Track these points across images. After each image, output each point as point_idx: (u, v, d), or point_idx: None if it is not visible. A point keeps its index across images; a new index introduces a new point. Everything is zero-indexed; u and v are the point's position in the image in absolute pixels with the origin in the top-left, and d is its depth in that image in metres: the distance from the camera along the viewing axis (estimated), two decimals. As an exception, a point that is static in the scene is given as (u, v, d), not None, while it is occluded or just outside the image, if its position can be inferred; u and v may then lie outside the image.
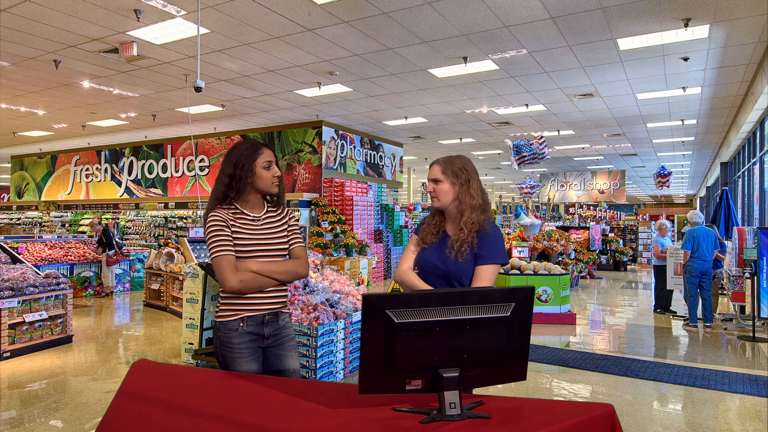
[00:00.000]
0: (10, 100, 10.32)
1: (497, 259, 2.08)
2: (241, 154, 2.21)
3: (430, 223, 2.25)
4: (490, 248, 2.07)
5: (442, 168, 2.18)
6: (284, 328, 2.27)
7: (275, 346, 2.25)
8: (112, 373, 4.95)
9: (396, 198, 15.52)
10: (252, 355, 2.18)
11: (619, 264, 15.15)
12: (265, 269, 2.17)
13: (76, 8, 5.85)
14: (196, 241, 8.03)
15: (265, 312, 2.21)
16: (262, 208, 2.30)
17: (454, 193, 2.16)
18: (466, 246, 2.08)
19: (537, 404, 1.56)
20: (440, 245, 2.17)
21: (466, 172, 2.17)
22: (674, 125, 12.21)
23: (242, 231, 2.19)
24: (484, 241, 2.08)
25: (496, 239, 2.10)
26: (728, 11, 5.79)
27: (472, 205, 2.12)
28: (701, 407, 4.14)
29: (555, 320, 7.35)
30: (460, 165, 2.18)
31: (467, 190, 2.14)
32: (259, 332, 2.20)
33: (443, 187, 2.16)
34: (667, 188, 16.08)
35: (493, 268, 2.07)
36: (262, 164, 2.21)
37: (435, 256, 2.15)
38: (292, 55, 7.44)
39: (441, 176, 2.17)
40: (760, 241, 6.46)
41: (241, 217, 2.22)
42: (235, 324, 2.16)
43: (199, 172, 14.17)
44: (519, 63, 7.71)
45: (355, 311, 4.95)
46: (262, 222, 2.26)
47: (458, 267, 2.07)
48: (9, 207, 18.33)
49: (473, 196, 2.14)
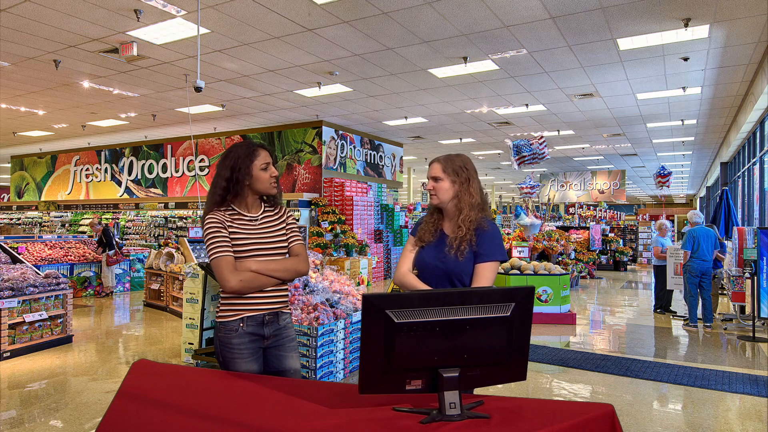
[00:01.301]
0: (10, 100, 10.32)
1: (496, 256, 2.08)
2: (238, 156, 2.19)
3: (428, 221, 2.25)
4: (488, 245, 2.08)
5: (442, 166, 2.18)
6: (285, 329, 2.27)
7: (275, 346, 2.25)
8: (112, 373, 4.95)
9: (396, 198, 15.53)
10: (252, 355, 2.18)
11: (619, 264, 15.15)
12: (264, 268, 2.16)
13: (76, 8, 5.85)
14: (196, 241, 8.03)
15: (265, 312, 2.20)
16: (259, 209, 2.30)
17: (453, 192, 2.16)
18: (465, 244, 2.08)
19: (537, 404, 1.56)
20: (438, 244, 2.17)
21: (466, 170, 2.17)
22: (674, 125, 12.21)
23: (240, 231, 2.19)
24: (483, 238, 2.09)
25: (494, 236, 2.10)
26: (728, 11, 5.79)
27: (471, 203, 2.13)
28: (701, 407, 4.14)
29: (555, 320, 7.35)
30: (460, 164, 2.18)
31: (467, 188, 2.15)
32: (259, 332, 2.19)
33: (443, 185, 2.16)
34: (667, 188, 16.08)
35: (492, 265, 2.08)
36: (260, 166, 2.21)
37: (434, 255, 2.15)
38: (292, 55, 7.44)
39: (441, 174, 2.17)
40: (760, 241, 6.46)
41: (238, 218, 2.22)
42: (235, 324, 2.16)
43: (199, 172, 14.17)
44: (519, 63, 7.71)
45: (355, 311, 4.95)
46: (260, 222, 2.26)
47: (458, 266, 2.07)
48: (9, 207, 18.34)
49: (473, 194, 2.14)
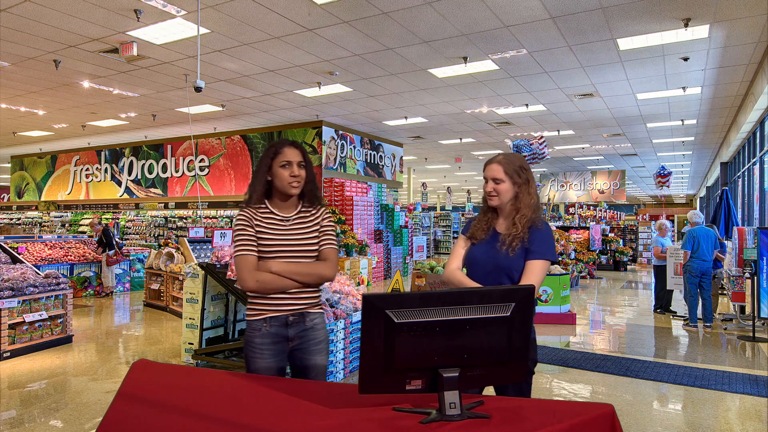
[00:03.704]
0: (10, 100, 10.32)
1: (548, 255, 2.10)
2: (265, 153, 2.24)
3: (481, 219, 2.26)
4: (541, 243, 2.10)
5: (504, 168, 2.18)
6: (312, 330, 2.22)
7: (300, 348, 2.21)
8: (112, 373, 4.95)
9: (396, 198, 15.53)
10: (274, 356, 2.16)
11: (619, 264, 15.14)
12: (285, 270, 2.14)
13: (76, 8, 5.85)
14: (196, 241, 8.03)
15: (288, 313, 2.18)
16: (293, 208, 2.26)
17: (513, 193, 2.17)
18: (517, 241, 2.10)
19: (537, 404, 1.56)
20: (490, 241, 2.18)
21: (526, 171, 2.19)
22: (674, 125, 12.21)
23: (267, 231, 2.18)
24: (536, 236, 2.11)
25: (547, 236, 2.13)
26: (728, 11, 5.79)
27: (530, 204, 2.15)
28: (701, 407, 4.14)
29: (555, 320, 7.35)
30: (520, 164, 2.19)
31: (527, 189, 2.17)
32: (283, 334, 2.17)
33: (504, 187, 2.17)
34: (667, 188, 16.11)
35: (543, 263, 2.10)
36: (280, 163, 2.19)
37: (485, 251, 2.17)
38: (292, 55, 7.44)
39: (503, 176, 2.17)
40: (760, 241, 6.46)
41: (269, 216, 2.21)
42: (258, 324, 2.15)
43: (199, 172, 14.17)
44: (519, 63, 7.71)
45: (355, 311, 4.95)
46: (292, 222, 2.23)
47: (509, 261, 2.10)
48: (9, 207, 18.35)
49: (532, 195, 2.17)
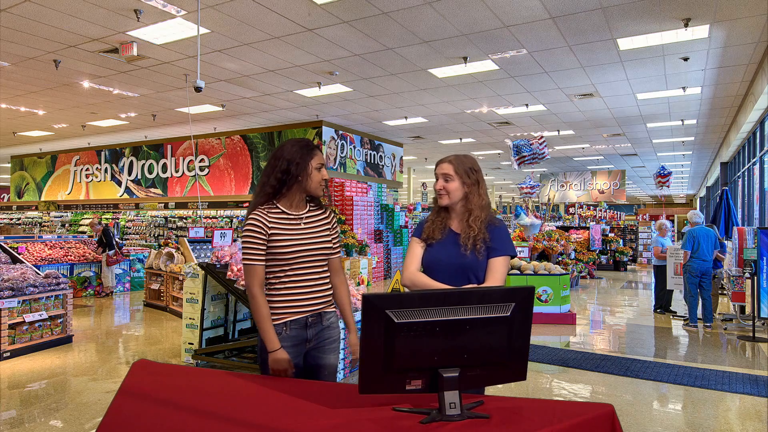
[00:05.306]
0: (10, 100, 10.32)
1: (509, 251, 2.16)
2: (296, 152, 2.19)
3: (435, 220, 2.26)
4: (501, 241, 2.15)
5: (454, 167, 2.20)
6: (328, 329, 2.25)
7: (316, 348, 2.23)
8: (112, 373, 4.95)
9: (396, 198, 15.53)
10: (292, 359, 2.15)
11: (619, 264, 15.14)
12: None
13: (76, 8, 5.85)
14: (196, 241, 8.02)
15: (307, 314, 2.19)
16: (303, 208, 2.27)
17: (462, 192, 2.19)
18: (480, 242, 2.13)
19: (537, 404, 1.56)
20: (449, 242, 2.19)
21: (476, 172, 2.22)
22: (674, 125, 12.21)
23: (282, 233, 2.16)
24: (496, 234, 2.15)
25: (506, 233, 2.19)
26: (728, 11, 5.79)
27: (481, 205, 2.18)
28: (701, 407, 4.14)
29: (555, 320, 7.35)
30: (470, 165, 2.22)
31: (477, 190, 2.19)
32: (302, 336, 2.18)
33: (453, 185, 2.19)
34: (667, 188, 16.09)
35: (505, 259, 2.15)
36: (316, 165, 2.20)
37: (449, 252, 2.17)
38: (292, 55, 7.44)
39: (453, 174, 2.19)
40: (760, 241, 6.46)
41: (283, 217, 2.19)
42: (278, 329, 2.14)
43: (199, 172, 14.17)
44: (519, 63, 7.71)
45: (355, 311, 4.93)
46: (305, 221, 2.24)
47: (477, 263, 2.13)
48: (9, 207, 18.35)
49: (482, 196, 2.20)
